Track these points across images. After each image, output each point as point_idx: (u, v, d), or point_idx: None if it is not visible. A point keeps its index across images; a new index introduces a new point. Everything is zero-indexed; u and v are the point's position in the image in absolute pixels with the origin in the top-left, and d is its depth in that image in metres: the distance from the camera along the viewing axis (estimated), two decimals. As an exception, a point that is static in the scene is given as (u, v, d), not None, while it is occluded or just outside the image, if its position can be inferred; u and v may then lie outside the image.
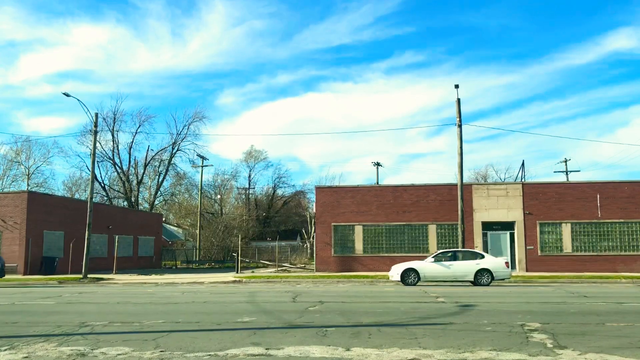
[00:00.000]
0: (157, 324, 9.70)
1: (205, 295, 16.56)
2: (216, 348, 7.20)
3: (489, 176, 66.91)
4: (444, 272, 20.88)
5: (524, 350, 6.90)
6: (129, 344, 7.56)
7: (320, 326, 9.09)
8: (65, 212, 33.94)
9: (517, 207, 30.17)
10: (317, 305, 12.72)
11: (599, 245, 29.46)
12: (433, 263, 21.08)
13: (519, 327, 8.80)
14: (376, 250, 30.79)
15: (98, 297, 16.13)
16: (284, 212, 69.13)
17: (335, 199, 31.60)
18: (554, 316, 10.36)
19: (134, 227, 41.65)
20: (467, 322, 9.53)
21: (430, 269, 20.92)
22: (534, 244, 29.76)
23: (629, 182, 30.24)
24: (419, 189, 31.34)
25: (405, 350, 7.00)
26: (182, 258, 48.80)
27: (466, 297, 14.67)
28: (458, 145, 27.35)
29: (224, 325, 9.49)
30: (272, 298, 15.13)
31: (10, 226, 30.91)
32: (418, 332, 8.46)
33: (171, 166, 58.15)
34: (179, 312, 11.82)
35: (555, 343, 7.41)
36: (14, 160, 59.67)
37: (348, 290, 18.52)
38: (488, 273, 20.50)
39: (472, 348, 7.07)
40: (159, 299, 15.15)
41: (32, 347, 7.46)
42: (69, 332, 8.65)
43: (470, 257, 21.30)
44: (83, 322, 9.77)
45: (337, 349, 7.06)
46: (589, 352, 6.82)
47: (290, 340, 7.76)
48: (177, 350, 7.12)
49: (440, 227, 30.53)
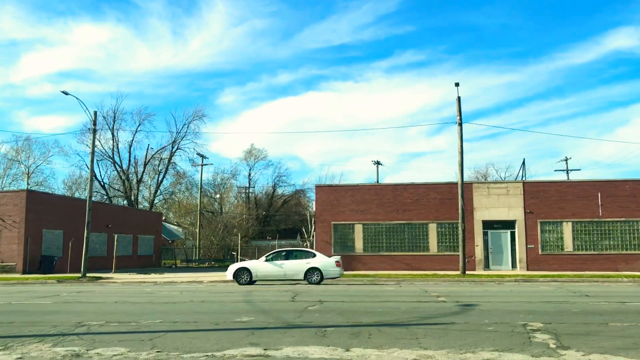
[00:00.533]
0: (155, 323, 9.59)
1: (203, 295, 16.44)
2: (214, 348, 7.09)
3: (489, 175, 66.82)
4: (276, 271, 21.29)
5: (527, 351, 6.78)
6: (125, 344, 7.45)
7: (320, 326, 8.98)
8: (64, 211, 33.83)
9: (517, 205, 30.04)
10: (316, 304, 12.60)
11: (600, 244, 29.33)
12: (265, 262, 21.53)
13: (521, 327, 8.68)
14: (376, 249, 30.67)
15: (96, 297, 16.02)
16: (283, 211, 69.03)
17: (335, 198, 31.48)
18: (556, 316, 10.23)
19: (133, 226, 41.53)
20: (468, 322, 9.41)
21: (263, 268, 21.37)
22: (535, 242, 29.63)
23: (631, 181, 30.10)
24: (419, 188, 31.22)
25: (405, 350, 6.88)
26: (181, 257, 48.70)
27: (467, 297, 14.55)
28: (458, 143, 27.21)
29: (222, 325, 9.37)
30: (271, 297, 15.01)
31: (9, 225, 30.80)
32: (419, 332, 8.34)
33: (171, 165, 58.12)
34: (177, 311, 11.71)
35: (558, 343, 7.28)
36: (14, 160, 59.61)
37: (348, 289, 18.39)
38: (318, 272, 21.04)
39: (473, 349, 6.96)
40: (157, 299, 15.04)
41: (27, 347, 7.35)
42: (65, 332, 8.54)
43: (302, 257, 21.80)
44: (79, 322, 9.66)
45: (337, 350, 6.94)
46: (592, 352, 6.70)
47: (289, 340, 7.65)
48: (174, 350, 7.00)
49: (440, 225, 30.41)
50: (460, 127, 27.27)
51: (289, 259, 21.67)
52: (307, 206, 66.98)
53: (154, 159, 57.66)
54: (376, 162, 56.06)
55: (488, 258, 30.10)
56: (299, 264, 21.35)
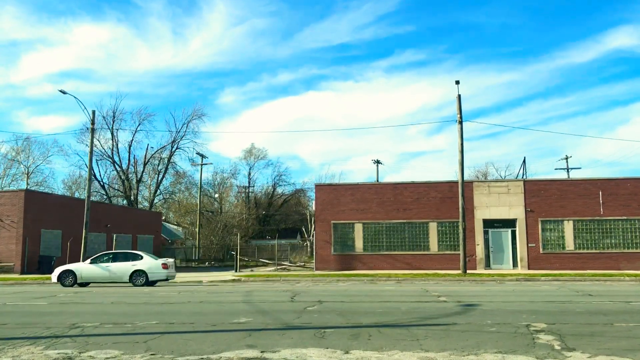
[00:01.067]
0: (150, 325, 9.40)
1: (202, 295, 16.26)
2: (209, 351, 6.90)
3: (489, 174, 66.60)
4: (101, 274, 21.18)
5: (531, 353, 6.59)
6: (118, 347, 7.27)
7: (319, 327, 8.79)
8: (63, 211, 33.66)
9: (518, 204, 29.85)
10: (315, 305, 12.42)
11: (601, 243, 29.14)
12: (91, 265, 21.42)
13: (524, 328, 8.49)
14: (376, 249, 30.48)
15: (93, 297, 15.83)
16: (283, 211, 68.86)
17: (335, 197, 31.29)
18: (560, 316, 10.04)
19: (133, 226, 41.36)
20: (470, 323, 9.22)
21: (87, 270, 21.25)
22: (536, 241, 29.44)
23: (632, 179, 29.92)
24: (420, 187, 31.02)
25: (406, 352, 6.70)
26: (181, 257, 48.52)
27: (468, 296, 14.37)
28: (459, 142, 27.02)
29: (219, 326, 9.19)
30: (270, 297, 14.83)
31: (7, 225, 30.64)
32: (420, 333, 8.15)
33: (171, 165, 57.95)
34: (174, 312, 11.53)
35: (563, 345, 7.09)
36: (14, 160, 59.43)
37: (348, 289, 18.22)
38: (143, 274, 20.99)
39: (476, 350, 6.77)
40: (155, 299, 14.85)
41: (18, 350, 7.16)
42: (58, 334, 8.35)
43: (129, 259, 21.70)
44: (74, 324, 9.47)
45: (336, 352, 6.76)
46: (599, 354, 6.50)
47: (287, 342, 7.46)
48: (169, 353, 6.82)
49: (441, 224, 30.22)
50: (461, 125, 27.07)
51: (116, 262, 21.57)
52: (307, 206, 66.86)
53: (153, 158, 57.54)
54: (376, 161, 55.89)
55: (489, 257, 29.92)
56: (124, 266, 21.25)
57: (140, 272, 21.00)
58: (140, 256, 21.80)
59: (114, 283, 21.59)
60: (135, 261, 21.36)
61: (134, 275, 20.95)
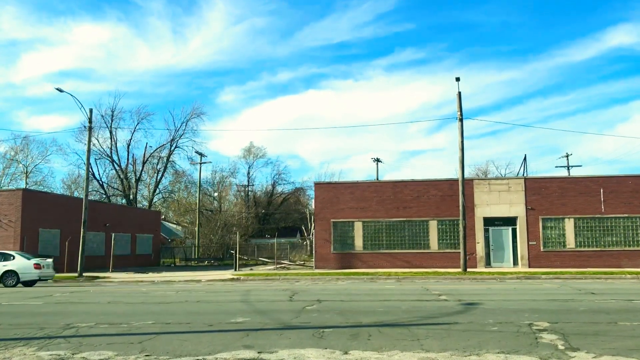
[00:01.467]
0: (146, 325, 9.25)
1: (199, 294, 16.11)
2: (205, 351, 6.75)
3: (489, 172, 66.40)
4: None
5: (534, 353, 6.44)
6: (113, 348, 7.12)
7: (317, 327, 8.63)
8: (61, 210, 33.46)
9: (519, 202, 29.69)
10: (314, 304, 12.27)
11: (602, 241, 28.98)
12: None
13: (526, 327, 8.33)
14: (376, 247, 30.33)
15: (89, 297, 15.69)
16: (283, 209, 68.69)
17: (335, 195, 31.13)
18: (563, 315, 9.88)
19: (132, 225, 41.17)
20: (471, 322, 9.06)
21: None
22: (537, 239, 29.29)
23: (633, 177, 29.75)
24: (420, 185, 30.86)
25: (407, 353, 6.54)
26: (180, 256, 48.37)
27: (469, 295, 14.21)
28: (459, 139, 26.86)
29: (216, 326, 9.03)
30: (268, 297, 14.68)
31: (5, 224, 30.45)
32: (420, 332, 8.00)
33: (170, 163, 57.77)
34: (171, 312, 11.38)
35: (567, 344, 6.94)
36: (12, 159, 59.23)
37: (347, 287, 18.06)
38: (14, 274, 20.87)
39: (478, 350, 6.62)
40: (152, 299, 14.71)
41: (10, 351, 7.01)
42: (52, 335, 8.20)
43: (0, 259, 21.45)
44: (68, 324, 9.32)
45: (335, 352, 6.60)
46: (604, 354, 6.35)
47: (285, 342, 7.31)
48: (164, 354, 6.67)
49: (441, 222, 30.06)
50: (461, 123, 26.92)
51: None
52: (307, 204, 66.69)
53: (152, 157, 57.34)
54: (376, 159, 55.71)
55: (489, 255, 29.76)
56: None
57: (12, 273, 20.89)
58: (12, 256, 21.65)
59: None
60: (7, 261, 21.22)
61: (5, 276, 20.84)
